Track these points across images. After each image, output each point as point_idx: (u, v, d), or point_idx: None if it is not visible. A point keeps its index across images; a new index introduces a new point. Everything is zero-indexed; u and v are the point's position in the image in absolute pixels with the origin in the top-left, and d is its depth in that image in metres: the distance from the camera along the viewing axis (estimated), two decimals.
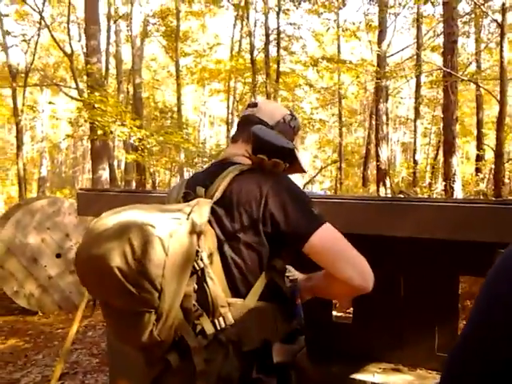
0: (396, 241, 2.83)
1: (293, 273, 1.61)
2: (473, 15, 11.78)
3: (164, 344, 1.31)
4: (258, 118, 1.57)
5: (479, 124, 14.21)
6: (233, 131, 1.70)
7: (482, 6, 8.49)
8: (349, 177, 23.07)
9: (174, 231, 1.25)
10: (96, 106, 7.93)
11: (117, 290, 1.24)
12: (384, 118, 13.57)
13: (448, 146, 9.33)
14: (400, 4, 13.89)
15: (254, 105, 1.63)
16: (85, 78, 11.02)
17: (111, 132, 8.36)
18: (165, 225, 1.26)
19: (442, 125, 10.49)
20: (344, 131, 20.56)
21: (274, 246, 1.39)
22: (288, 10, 13.97)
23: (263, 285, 1.39)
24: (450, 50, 8.59)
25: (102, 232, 1.28)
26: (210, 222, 1.38)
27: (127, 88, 15.78)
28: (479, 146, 13.66)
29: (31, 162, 26.55)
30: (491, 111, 18.52)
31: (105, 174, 10.69)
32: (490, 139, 14.31)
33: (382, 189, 13.02)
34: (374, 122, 14.43)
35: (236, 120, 15.89)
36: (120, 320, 1.33)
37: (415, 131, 15.65)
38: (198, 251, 1.31)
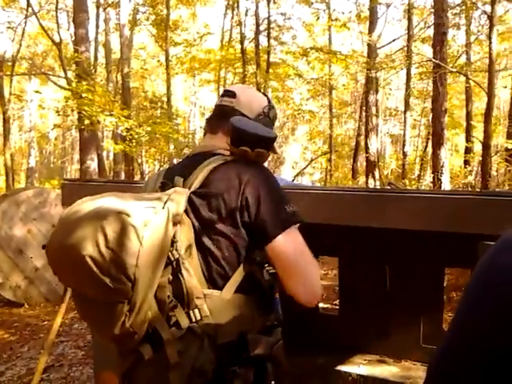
0: (381, 232, 2.82)
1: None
2: (463, 7, 11.77)
3: (137, 335, 1.28)
4: (238, 111, 1.53)
5: (468, 116, 14.27)
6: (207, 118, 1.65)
7: None
8: (339, 168, 23.09)
9: (149, 220, 1.23)
10: (83, 95, 7.84)
11: (89, 280, 1.21)
12: (374, 109, 13.56)
13: (436, 138, 9.35)
14: None
15: (232, 95, 1.56)
16: (74, 67, 10.89)
17: (98, 122, 8.26)
18: (140, 213, 1.23)
19: (431, 116, 10.51)
20: (334, 123, 20.55)
21: (252, 237, 1.37)
22: None
23: (241, 277, 1.37)
24: (439, 42, 8.58)
25: (75, 220, 1.25)
26: (187, 211, 1.35)
27: (116, 77, 15.62)
28: (468, 138, 13.72)
29: (19, 153, 26.31)
30: (481, 103, 18.56)
31: (93, 165, 10.59)
32: (479, 131, 14.36)
33: (370, 180, 13.05)
34: (364, 114, 14.43)
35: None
36: (92, 310, 1.30)
37: (405, 123, 15.69)
38: (173, 241, 1.29)
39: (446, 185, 9.57)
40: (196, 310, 1.31)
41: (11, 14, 14.81)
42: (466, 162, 13.36)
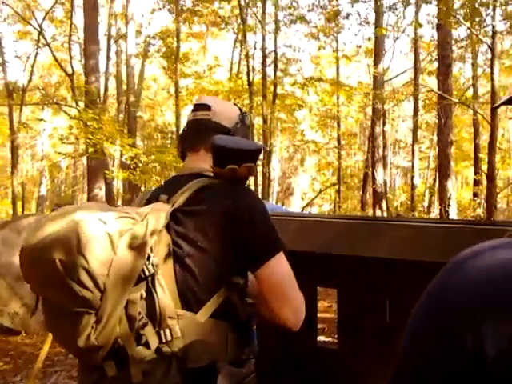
0: (379, 262, 2.76)
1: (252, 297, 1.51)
2: (469, 40, 11.86)
3: (101, 350, 1.21)
4: (216, 122, 1.49)
5: (476, 148, 14.20)
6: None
7: (473, 30, 8.55)
8: (348, 200, 23.01)
9: (125, 230, 1.19)
10: (88, 123, 7.95)
11: (58, 285, 1.17)
12: (380, 141, 13.56)
13: (443, 170, 9.31)
14: (394, 27, 14.02)
15: (207, 107, 1.51)
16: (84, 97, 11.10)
17: (102, 150, 8.35)
18: (117, 222, 1.20)
19: (437, 148, 10.47)
20: (343, 154, 20.59)
21: (237, 261, 1.33)
22: (286, 25, 14.02)
23: (219, 301, 1.31)
24: (443, 74, 8.62)
25: (50, 224, 1.22)
26: (168, 228, 1.31)
27: (126, 107, 15.88)
28: (476, 170, 13.63)
29: (31, 181, 26.57)
30: (489, 136, 18.52)
31: (101, 193, 10.64)
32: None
33: (378, 212, 12.95)
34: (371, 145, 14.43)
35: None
36: (58, 320, 1.25)
37: (413, 155, 15.64)
38: (149, 256, 1.23)
39: (454, 217, 9.45)
40: (167, 330, 1.24)
41: (25, 44, 15.19)
42: (475, 195, 13.23)
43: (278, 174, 23.72)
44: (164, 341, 1.24)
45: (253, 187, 16.11)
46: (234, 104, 1.69)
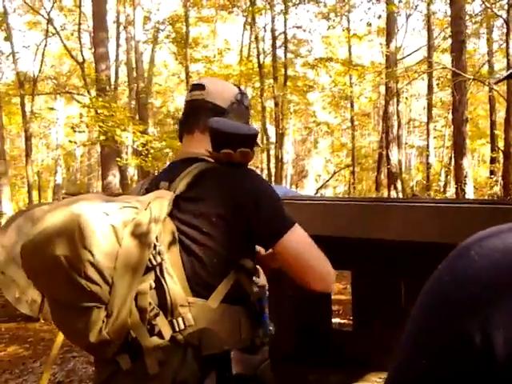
0: (395, 245, 2.71)
1: (261, 279, 1.51)
2: (483, 15, 11.58)
3: (114, 344, 1.20)
4: (210, 102, 1.44)
5: (492, 125, 13.95)
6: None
7: (487, 4, 8.31)
8: (363, 181, 22.87)
9: (129, 220, 1.17)
10: (99, 111, 7.97)
11: (64, 282, 1.15)
12: (395, 120, 13.39)
13: (459, 148, 9.16)
14: (406, 4, 13.73)
15: (201, 87, 1.47)
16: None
17: (113, 137, 8.37)
18: (120, 213, 1.18)
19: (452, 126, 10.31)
20: (357, 135, 20.40)
21: (243, 244, 1.33)
22: (295, 5, 13.77)
23: (229, 286, 1.29)
24: (457, 50, 8.43)
25: (50, 219, 1.19)
26: (172, 215, 1.28)
27: (136, 94, 15.89)
28: (493, 148, 13.40)
29: (47, 170, 26.82)
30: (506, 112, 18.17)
31: (115, 180, 10.69)
32: None
33: (393, 192, 12.84)
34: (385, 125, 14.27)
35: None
36: (68, 317, 1.23)
37: (428, 134, 15.45)
38: (155, 245, 1.21)
39: (470, 195, 9.33)
40: (180, 319, 1.23)
41: (35, 35, 15.23)
42: (492, 173, 13.03)
43: (292, 156, 23.62)
44: (177, 330, 1.23)
45: (266, 170, 16.08)
46: (235, 85, 1.63)
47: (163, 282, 1.22)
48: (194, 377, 1.21)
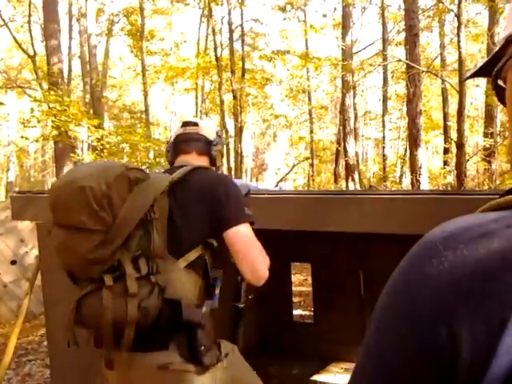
0: (352, 236, 2.72)
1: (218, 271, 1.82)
2: (435, 9, 11.84)
3: (104, 263, 1.54)
4: (203, 135, 1.98)
5: (445, 117, 14.32)
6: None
7: None
8: (321, 173, 23.11)
9: (141, 179, 1.61)
10: (51, 105, 7.70)
11: (82, 207, 1.50)
12: (352, 113, 13.56)
13: (413, 139, 9.34)
14: None
15: (195, 124, 2.01)
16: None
17: (66, 132, 8.12)
18: (136, 172, 1.62)
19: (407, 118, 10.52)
20: (315, 128, 20.58)
21: (212, 226, 1.69)
22: None
23: (196, 255, 1.66)
24: (411, 43, 8.59)
25: (84, 167, 1.67)
26: (168, 193, 1.67)
27: (90, 87, 15.47)
28: (446, 139, 13.77)
29: None
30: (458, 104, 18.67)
31: None
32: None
33: (351, 184, 13.02)
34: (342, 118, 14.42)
35: (204, 118, 15.70)
36: (74, 237, 1.54)
37: (383, 126, 15.72)
38: (153, 205, 1.60)
39: (425, 186, 9.55)
40: (155, 265, 1.57)
41: None
42: (445, 163, 13.40)
43: (252, 150, 23.62)
44: (151, 272, 1.57)
45: (226, 164, 16.01)
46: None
47: (151, 234, 1.59)
48: (155, 309, 1.54)
